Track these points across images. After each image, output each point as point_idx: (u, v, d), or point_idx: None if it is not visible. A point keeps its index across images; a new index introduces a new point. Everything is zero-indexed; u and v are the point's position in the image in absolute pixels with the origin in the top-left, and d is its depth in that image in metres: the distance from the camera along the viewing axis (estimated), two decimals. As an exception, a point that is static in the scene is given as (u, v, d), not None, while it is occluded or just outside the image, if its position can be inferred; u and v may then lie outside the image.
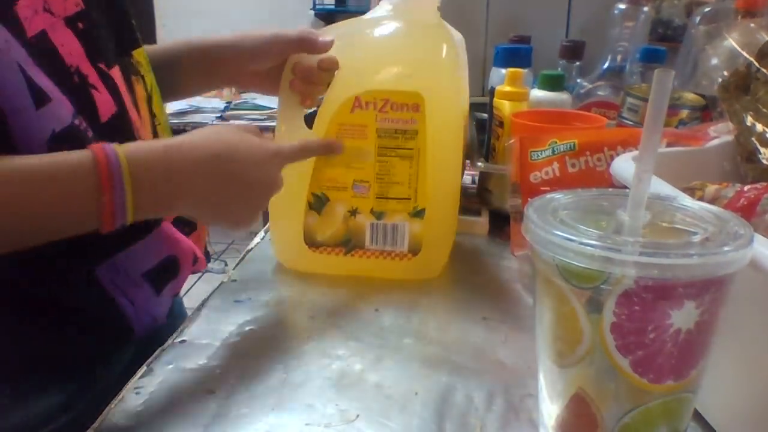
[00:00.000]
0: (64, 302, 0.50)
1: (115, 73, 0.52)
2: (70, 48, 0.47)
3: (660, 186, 0.41)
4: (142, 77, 0.57)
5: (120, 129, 0.50)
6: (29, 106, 0.43)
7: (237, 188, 0.49)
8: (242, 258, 0.67)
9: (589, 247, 0.28)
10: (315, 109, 0.60)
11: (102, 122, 0.49)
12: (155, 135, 0.58)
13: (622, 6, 0.96)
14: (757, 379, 0.36)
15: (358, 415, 0.42)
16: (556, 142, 0.61)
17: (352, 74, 0.59)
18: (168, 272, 0.56)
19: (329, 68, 0.58)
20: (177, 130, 0.55)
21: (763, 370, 0.35)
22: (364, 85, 0.57)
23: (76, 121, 0.46)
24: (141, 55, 0.58)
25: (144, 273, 0.53)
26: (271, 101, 2.57)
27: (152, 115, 0.58)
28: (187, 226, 0.59)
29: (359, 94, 0.57)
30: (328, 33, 0.59)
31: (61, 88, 0.45)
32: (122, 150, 0.43)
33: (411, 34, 0.60)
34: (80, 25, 0.48)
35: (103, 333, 0.53)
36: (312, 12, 3.04)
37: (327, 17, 3.02)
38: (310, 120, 0.60)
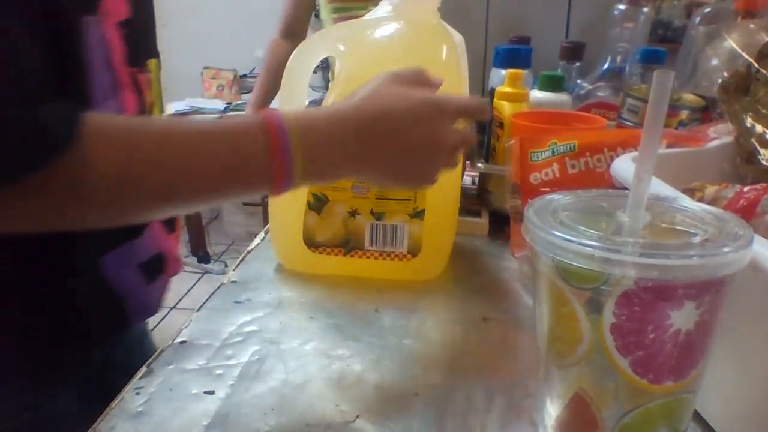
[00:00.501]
0: (67, 286, 0.51)
1: (141, 78, 0.55)
2: (117, 49, 0.50)
3: (660, 187, 0.41)
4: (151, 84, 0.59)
5: None
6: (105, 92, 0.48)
7: (398, 149, 0.47)
8: (242, 259, 0.67)
9: (588, 248, 0.29)
10: (315, 109, 0.60)
11: None
12: None
13: (622, 7, 0.96)
14: (757, 379, 0.36)
15: (358, 416, 0.42)
16: (555, 143, 0.61)
17: (352, 74, 0.59)
18: (157, 267, 0.58)
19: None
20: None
21: (763, 370, 0.35)
22: (365, 86, 0.57)
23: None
24: (153, 63, 0.59)
25: (139, 264, 0.55)
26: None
27: None
28: (167, 226, 0.60)
29: (359, 94, 0.57)
30: (328, 33, 0.59)
31: (100, 86, 0.48)
32: (290, 116, 0.43)
33: (411, 35, 0.60)
34: (125, 31, 0.51)
35: (99, 318, 0.54)
36: (312, 13, 3.05)
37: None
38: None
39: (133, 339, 0.64)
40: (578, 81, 1.00)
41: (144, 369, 0.46)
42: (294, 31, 1.65)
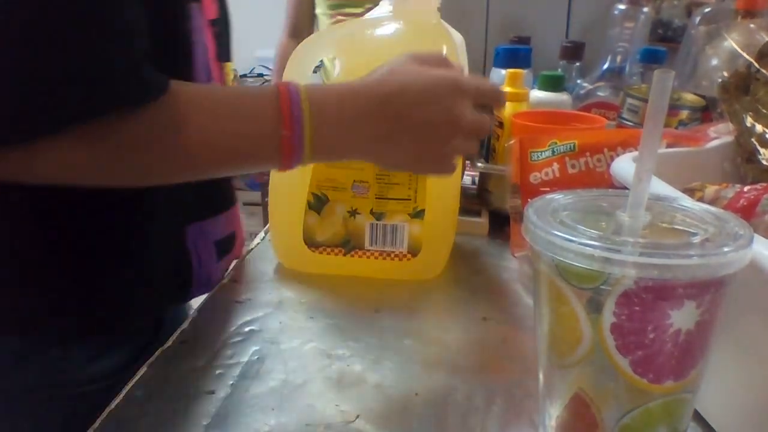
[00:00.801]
0: (148, 252, 0.53)
1: (224, 73, 0.60)
2: (210, 44, 0.55)
3: (660, 187, 0.41)
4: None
5: None
6: (203, 78, 0.53)
7: (414, 126, 0.46)
8: (242, 258, 0.67)
9: (588, 248, 0.28)
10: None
11: None
12: None
13: (622, 6, 0.96)
14: (757, 379, 0.36)
15: (358, 416, 0.42)
16: (555, 143, 0.61)
17: (352, 75, 0.59)
18: (228, 245, 0.62)
19: None
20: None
21: (763, 370, 0.35)
22: (365, 86, 0.57)
23: None
24: (229, 67, 0.63)
25: (215, 240, 0.59)
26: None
27: None
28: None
29: (359, 94, 0.57)
30: (328, 33, 0.59)
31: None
32: (306, 89, 0.44)
33: (411, 35, 0.60)
34: (215, 29, 0.56)
35: (167, 286, 0.57)
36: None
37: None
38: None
39: (180, 312, 0.64)
40: (578, 81, 1.00)
41: (144, 369, 0.46)
42: (299, 31, 1.66)
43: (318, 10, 1.64)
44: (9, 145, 0.37)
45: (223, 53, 0.59)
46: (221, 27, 0.58)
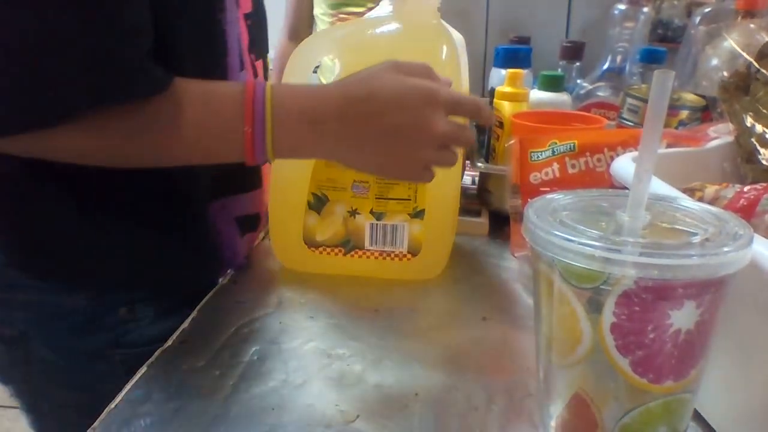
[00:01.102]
0: (177, 226, 0.57)
1: (259, 65, 0.63)
2: (244, 36, 0.58)
3: (660, 187, 0.41)
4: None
5: None
6: (235, 66, 0.56)
7: (374, 133, 0.46)
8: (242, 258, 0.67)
9: (588, 248, 0.29)
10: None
11: None
12: None
13: (622, 7, 0.96)
14: (757, 379, 0.36)
15: (358, 416, 0.42)
16: (555, 143, 0.61)
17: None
18: (251, 224, 0.65)
19: None
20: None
21: (763, 370, 0.35)
22: (365, 86, 0.57)
23: None
24: (266, 60, 0.65)
25: (236, 217, 0.62)
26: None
27: None
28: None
29: (359, 94, 0.57)
30: (327, 33, 0.59)
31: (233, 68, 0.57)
32: (271, 88, 0.46)
33: (411, 35, 0.60)
34: (249, 21, 0.59)
35: (197, 257, 0.60)
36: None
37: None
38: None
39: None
40: (578, 81, 1.00)
41: (144, 369, 0.46)
42: (298, 32, 1.66)
43: (317, 11, 1.64)
44: (32, 129, 0.42)
45: (258, 46, 0.62)
46: (255, 20, 0.60)
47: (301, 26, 1.66)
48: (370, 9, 0.67)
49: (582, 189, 0.36)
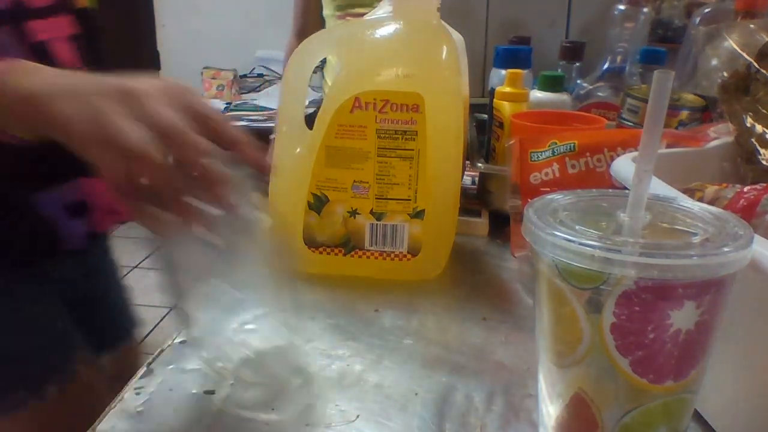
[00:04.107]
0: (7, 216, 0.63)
1: None
2: (67, 56, 0.62)
3: (660, 187, 0.41)
4: None
5: None
6: None
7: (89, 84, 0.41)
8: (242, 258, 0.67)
9: (588, 248, 0.28)
10: (315, 109, 0.60)
11: None
12: None
13: (621, 7, 0.96)
14: (757, 379, 0.36)
15: (358, 416, 0.42)
16: (555, 143, 0.61)
17: (352, 75, 0.59)
18: (80, 210, 0.69)
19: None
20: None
21: (763, 370, 0.35)
22: (364, 86, 0.57)
23: None
24: None
25: (63, 204, 0.66)
26: (271, 102, 2.57)
27: None
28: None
29: (359, 94, 0.57)
30: (327, 33, 0.59)
31: None
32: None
33: (411, 35, 0.60)
34: (76, 43, 0.63)
35: (33, 240, 0.66)
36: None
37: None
38: (310, 121, 0.60)
39: (88, 262, 0.76)
40: (578, 81, 1.00)
41: (144, 369, 0.46)
42: (306, 32, 1.65)
43: (325, 12, 1.64)
44: None
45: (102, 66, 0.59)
46: (86, 42, 0.64)
47: (311, 26, 1.66)
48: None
49: (582, 189, 0.36)
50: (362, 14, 0.64)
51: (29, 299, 0.68)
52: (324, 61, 1.59)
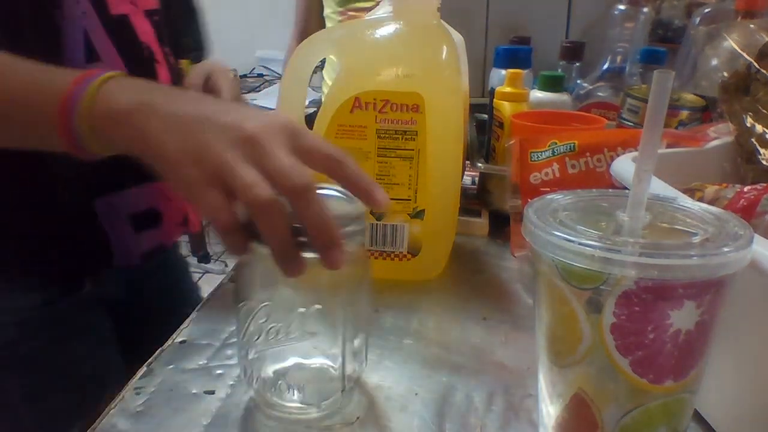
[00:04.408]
0: (62, 225, 0.61)
1: (172, 59, 0.67)
2: (145, 30, 0.63)
3: (660, 187, 0.41)
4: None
5: None
6: (81, 58, 0.58)
7: (187, 108, 0.39)
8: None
9: (588, 248, 0.28)
10: (315, 109, 0.60)
11: None
12: None
13: (622, 7, 0.96)
14: (757, 379, 0.36)
15: (358, 417, 0.42)
16: (555, 143, 0.61)
17: (352, 75, 0.59)
18: (147, 221, 0.66)
19: None
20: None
21: (763, 370, 0.35)
22: (364, 86, 0.57)
23: None
24: (186, 64, 0.70)
25: (128, 214, 0.64)
26: (271, 102, 2.57)
27: None
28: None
29: (359, 94, 0.57)
30: (328, 33, 0.59)
31: (127, 58, 0.60)
32: (98, 88, 0.40)
33: (411, 35, 0.60)
34: (155, 17, 0.65)
35: (86, 252, 0.64)
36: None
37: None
38: (310, 121, 0.60)
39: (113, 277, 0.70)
40: (578, 81, 1.00)
41: (144, 368, 0.46)
42: (308, 34, 1.65)
43: (327, 10, 1.64)
44: None
45: (171, 42, 0.66)
46: (164, 16, 0.64)
47: (311, 29, 1.65)
48: (378, 4, 0.67)
49: (582, 189, 0.36)
50: (364, 9, 0.64)
51: (71, 323, 0.65)
52: (324, 61, 1.59)
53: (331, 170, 0.38)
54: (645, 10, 0.96)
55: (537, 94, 0.84)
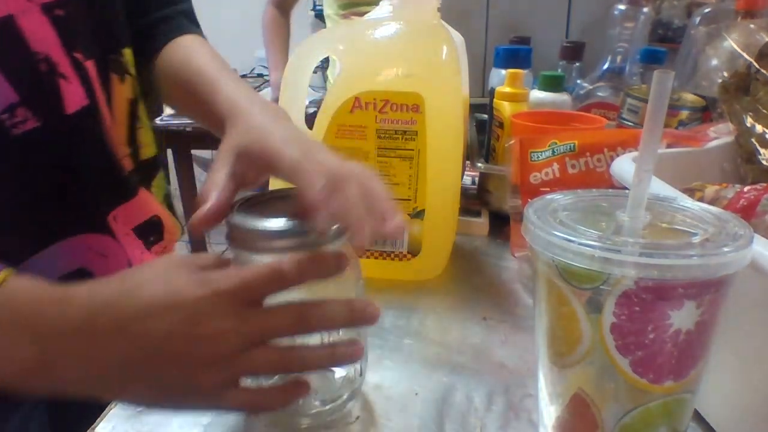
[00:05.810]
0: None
1: (91, 65, 0.49)
2: (42, 35, 0.45)
3: (660, 187, 0.41)
4: (128, 76, 0.54)
5: (87, 124, 0.49)
6: None
7: (121, 350, 0.32)
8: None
9: (588, 248, 0.28)
10: (315, 110, 0.60)
11: (67, 113, 0.47)
12: (133, 137, 0.56)
13: (622, 7, 0.96)
14: (757, 379, 0.36)
15: (358, 416, 0.42)
16: (555, 143, 0.61)
17: (352, 75, 0.59)
18: (152, 231, 0.60)
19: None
20: (176, 131, 0.55)
21: (763, 370, 0.35)
22: (364, 86, 0.57)
23: (4, 115, 0.43)
24: (130, 54, 0.55)
25: (133, 228, 0.57)
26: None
27: (133, 117, 0.56)
28: (153, 235, 0.60)
29: (359, 94, 0.57)
30: (328, 33, 0.59)
31: (15, 78, 0.43)
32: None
33: (411, 35, 0.60)
34: (58, 12, 0.45)
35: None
36: (312, 13, 3.04)
37: (327, 18, 3.01)
38: (310, 121, 0.60)
39: None
40: (578, 81, 1.00)
41: (144, 369, 0.46)
42: (283, 1, 1.74)
43: (329, 11, 1.64)
44: None
45: (87, 42, 0.49)
46: (75, 8, 0.47)
47: None
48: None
49: (582, 189, 0.36)
50: (366, 13, 0.64)
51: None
52: (326, 60, 1.60)
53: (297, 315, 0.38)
54: (645, 10, 0.96)
55: (537, 94, 0.84)
